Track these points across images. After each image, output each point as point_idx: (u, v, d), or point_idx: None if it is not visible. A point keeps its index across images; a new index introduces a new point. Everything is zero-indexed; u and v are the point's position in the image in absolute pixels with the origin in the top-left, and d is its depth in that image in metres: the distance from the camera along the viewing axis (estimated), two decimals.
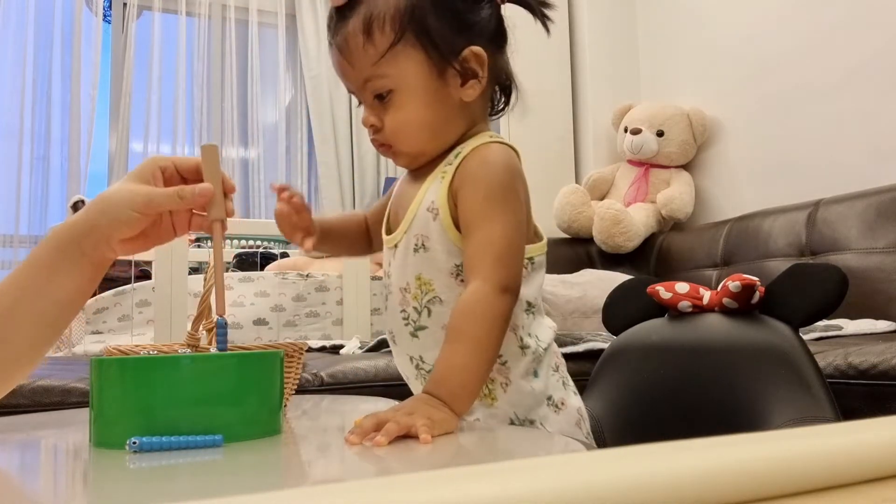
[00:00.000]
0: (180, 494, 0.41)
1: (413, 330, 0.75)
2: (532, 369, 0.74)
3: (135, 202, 0.61)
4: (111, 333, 1.92)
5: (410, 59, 0.70)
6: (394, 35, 0.69)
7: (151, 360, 0.56)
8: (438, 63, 0.71)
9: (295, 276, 2.01)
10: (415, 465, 0.52)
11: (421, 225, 0.74)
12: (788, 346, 0.81)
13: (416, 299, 0.74)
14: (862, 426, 0.28)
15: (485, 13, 0.74)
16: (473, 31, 0.73)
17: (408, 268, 0.75)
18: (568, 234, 2.61)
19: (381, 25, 0.69)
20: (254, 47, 3.42)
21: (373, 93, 0.72)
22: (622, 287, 1.04)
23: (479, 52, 0.72)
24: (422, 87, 0.71)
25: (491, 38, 0.74)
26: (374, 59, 0.70)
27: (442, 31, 0.70)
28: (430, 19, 0.70)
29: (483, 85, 0.73)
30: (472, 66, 0.72)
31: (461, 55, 0.71)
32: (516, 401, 0.73)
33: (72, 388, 1.14)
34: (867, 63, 2.04)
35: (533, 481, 0.22)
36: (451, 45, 0.71)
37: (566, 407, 0.76)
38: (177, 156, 0.66)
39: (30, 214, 3.09)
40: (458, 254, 0.72)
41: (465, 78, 0.72)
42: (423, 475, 0.22)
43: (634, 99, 2.80)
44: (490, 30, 0.74)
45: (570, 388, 0.79)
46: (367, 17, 0.69)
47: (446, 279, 0.73)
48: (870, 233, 1.77)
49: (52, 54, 3.19)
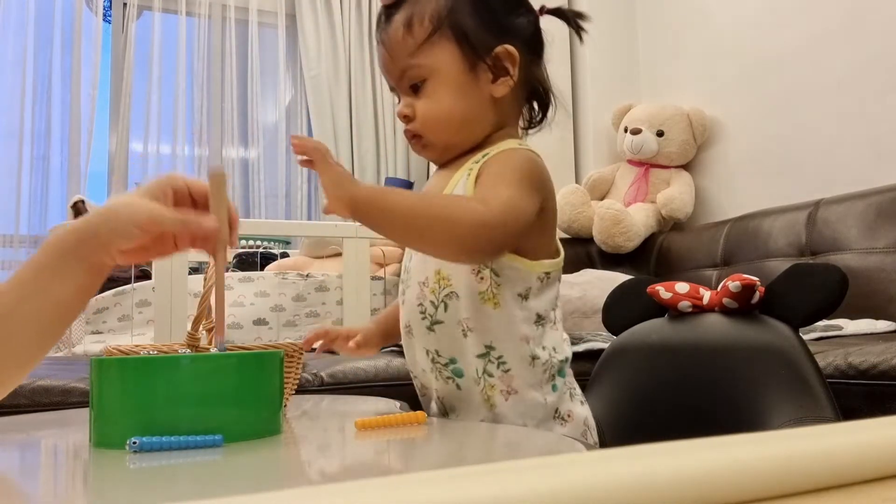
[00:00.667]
0: (180, 494, 0.41)
1: (430, 324, 0.76)
2: (546, 381, 0.75)
3: (139, 219, 0.61)
4: (111, 333, 1.92)
5: (444, 51, 0.75)
6: (431, 28, 0.74)
7: (151, 360, 0.56)
8: (471, 57, 0.75)
9: (295, 276, 2.01)
10: (415, 465, 0.52)
11: None
12: (788, 346, 0.81)
13: (433, 293, 0.75)
14: (862, 426, 0.28)
15: (522, 20, 0.79)
16: (508, 32, 0.77)
17: (428, 262, 0.76)
18: (568, 234, 2.61)
19: (421, 19, 0.75)
20: (254, 47, 3.42)
21: (409, 83, 0.77)
22: (622, 287, 1.04)
23: (512, 51, 0.76)
24: (453, 77, 0.75)
25: (526, 43, 0.78)
26: (411, 50, 0.75)
27: (476, 28, 0.75)
28: (466, 17, 0.75)
29: (513, 84, 0.77)
30: (504, 64, 0.76)
31: (493, 52, 0.76)
32: (525, 411, 0.73)
33: (72, 388, 1.14)
34: (867, 63, 2.04)
35: (533, 481, 0.21)
36: (485, 42, 0.75)
37: (573, 419, 0.77)
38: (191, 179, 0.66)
39: (30, 214, 3.09)
40: None
41: (497, 75, 0.76)
42: (423, 475, 0.22)
43: (634, 99, 2.80)
44: (525, 35, 0.79)
45: (578, 397, 0.79)
46: (409, 12, 0.75)
47: (465, 275, 0.74)
48: (870, 233, 1.77)
49: (52, 54, 3.19)
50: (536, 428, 0.73)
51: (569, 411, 0.76)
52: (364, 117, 3.27)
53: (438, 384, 0.77)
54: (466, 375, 0.74)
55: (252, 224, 2.58)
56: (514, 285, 0.73)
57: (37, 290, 0.61)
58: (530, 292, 0.74)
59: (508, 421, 0.72)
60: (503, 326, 0.73)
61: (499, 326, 0.73)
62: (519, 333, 0.73)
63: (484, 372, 0.73)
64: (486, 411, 0.73)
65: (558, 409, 0.76)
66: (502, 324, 0.73)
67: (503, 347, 0.73)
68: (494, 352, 0.73)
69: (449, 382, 0.76)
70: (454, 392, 0.75)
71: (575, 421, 0.76)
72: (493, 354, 0.73)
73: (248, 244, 2.57)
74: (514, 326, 0.73)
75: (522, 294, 0.73)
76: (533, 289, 0.74)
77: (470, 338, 0.73)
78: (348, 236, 1.83)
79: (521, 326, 0.73)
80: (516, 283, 0.73)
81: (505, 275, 0.73)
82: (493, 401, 0.73)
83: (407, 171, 3.16)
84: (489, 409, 0.73)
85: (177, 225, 0.62)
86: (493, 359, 0.73)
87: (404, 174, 3.16)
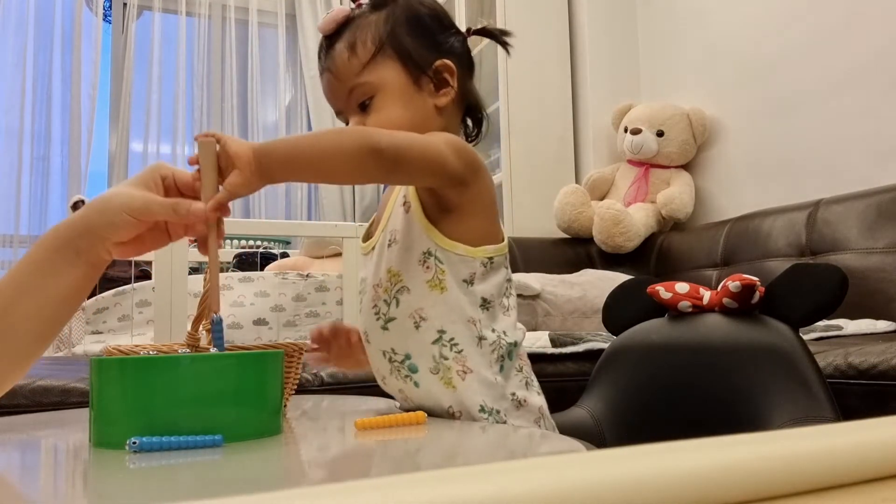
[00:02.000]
0: (180, 494, 0.41)
1: (384, 323, 0.79)
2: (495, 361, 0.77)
3: (132, 207, 0.61)
4: (111, 333, 1.92)
5: (389, 68, 0.81)
6: (374, 48, 0.81)
7: (151, 360, 0.56)
8: (414, 71, 0.81)
9: (295, 276, 2.01)
10: (415, 465, 0.52)
11: (395, 220, 0.80)
12: (788, 346, 0.81)
13: (386, 292, 0.79)
14: (862, 426, 0.28)
15: (453, 39, 0.86)
16: (444, 49, 0.84)
17: (381, 264, 0.80)
18: (568, 234, 2.61)
19: (364, 42, 0.81)
20: (254, 47, 3.42)
21: (357, 101, 0.82)
22: (622, 287, 1.04)
23: (450, 64, 0.83)
24: (399, 90, 0.81)
25: (459, 59, 0.85)
26: (357, 70, 0.81)
27: (416, 46, 0.82)
28: (405, 37, 0.82)
29: (454, 94, 0.83)
30: (444, 76, 0.83)
31: (434, 65, 0.82)
32: (481, 389, 0.76)
33: (72, 388, 1.14)
34: (867, 63, 2.04)
35: (532, 481, 0.22)
36: (425, 58, 0.82)
37: (528, 405, 0.79)
38: (177, 168, 0.67)
39: (29, 214, 3.09)
40: (424, 240, 0.77)
41: (438, 87, 0.83)
42: (422, 475, 0.22)
43: (634, 99, 2.80)
44: (459, 52, 0.86)
45: (534, 388, 0.82)
46: (351, 38, 0.82)
47: (414, 268, 0.77)
48: (870, 233, 1.77)
49: (52, 54, 3.19)
50: (495, 405, 0.75)
51: (524, 398, 0.79)
52: None
53: (399, 384, 0.80)
54: (421, 370, 0.77)
55: (252, 224, 2.58)
56: (458, 271, 0.77)
57: (34, 286, 0.61)
58: (475, 277, 0.77)
59: (469, 400, 0.75)
60: (451, 310, 0.76)
61: (447, 311, 0.76)
62: (465, 316, 0.76)
63: (440, 356, 0.76)
64: (448, 396, 0.75)
65: (515, 394, 0.78)
66: (450, 307, 0.76)
67: (453, 330, 0.76)
68: (446, 335, 0.76)
69: (407, 381, 0.78)
70: (413, 391, 0.78)
71: (529, 407, 0.79)
72: (446, 337, 0.76)
73: (248, 244, 2.57)
74: (461, 309, 0.76)
75: (467, 279, 0.77)
76: (477, 274, 0.77)
77: (422, 328, 0.76)
78: (348, 236, 1.83)
79: (468, 309, 0.76)
80: (461, 269, 0.77)
81: (449, 261, 0.76)
82: (453, 383, 0.75)
83: None
84: (452, 391, 0.75)
85: (168, 211, 0.62)
86: (445, 342, 0.76)
87: None
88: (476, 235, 0.78)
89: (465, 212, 0.77)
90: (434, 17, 0.86)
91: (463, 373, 0.76)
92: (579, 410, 1.00)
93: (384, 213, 0.84)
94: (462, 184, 0.75)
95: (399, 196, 0.81)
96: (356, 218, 3.20)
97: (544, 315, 1.97)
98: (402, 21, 0.82)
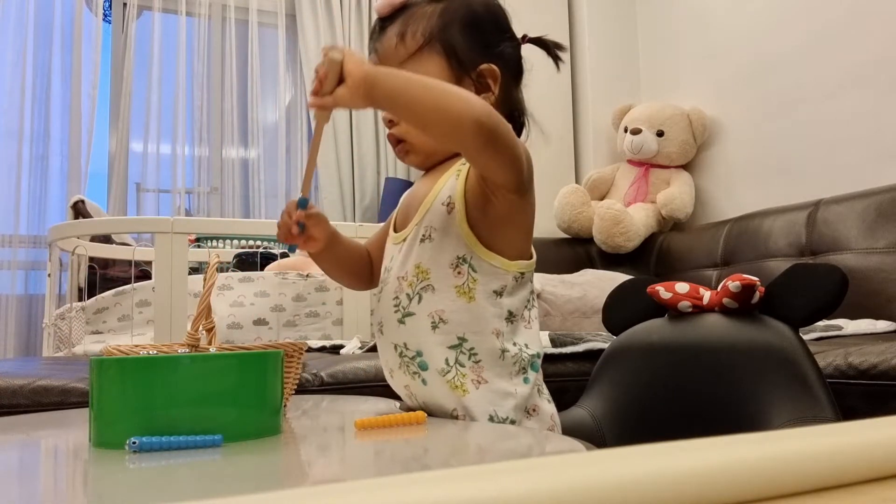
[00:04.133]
0: (180, 494, 0.41)
1: (401, 317, 0.78)
2: (517, 373, 0.77)
3: None
4: (111, 333, 1.92)
5: (433, 63, 0.80)
6: (422, 40, 0.80)
7: (151, 360, 0.56)
8: (458, 71, 0.80)
9: (295, 276, 2.01)
10: (415, 465, 0.52)
11: (434, 217, 0.78)
12: (788, 346, 0.81)
13: (410, 286, 0.78)
14: (862, 426, 0.28)
15: (506, 45, 0.85)
16: (493, 54, 0.83)
17: (410, 257, 0.79)
18: (568, 234, 2.61)
19: (414, 32, 0.81)
20: (254, 47, 3.42)
21: None
22: (622, 287, 1.04)
23: (494, 70, 0.82)
24: None
25: (507, 66, 0.84)
26: (401, 59, 0.80)
27: (465, 46, 0.81)
28: (457, 35, 0.81)
29: (494, 101, 0.81)
30: (487, 81, 0.81)
31: (478, 69, 0.81)
32: (494, 400, 0.75)
33: (72, 388, 1.14)
34: (867, 63, 2.04)
35: (533, 481, 0.21)
36: (471, 59, 0.81)
37: (539, 413, 0.78)
38: None
39: (29, 214, 3.09)
40: (461, 246, 0.76)
41: (479, 90, 0.81)
42: (422, 475, 0.22)
43: (634, 99, 2.80)
44: (508, 59, 0.84)
45: (545, 396, 0.82)
46: (403, 25, 0.81)
47: (444, 270, 0.76)
48: (870, 233, 1.77)
49: (52, 54, 3.19)
50: (504, 417, 0.75)
51: (535, 405, 0.78)
52: (364, 117, 3.27)
53: (406, 380, 0.79)
54: (431, 368, 0.76)
55: (252, 224, 2.58)
56: (490, 282, 0.76)
57: None
58: (505, 290, 0.77)
59: (477, 407, 0.74)
60: (476, 320, 0.75)
61: (472, 320, 0.75)
62: (490, 328, 0.75)
63: (456, 362, 0.75)
64: (455, 399, 0.75)
65: (527, 403, 0.78)
66: (475, 318, 0.75)
67: (474, 340, 0.75)
68: (466, 343, 0.75)
69: (416, 378, 0.78)
70: (420, 388, 0.78)
71: (541, 415, 0.79)
72: (465, 346, 0.75)
73: (248, 244, 2.57)
74: (486, 321, 0.76)
75: (498, 291, 0.76)
76: (508, 287, 0.77)
77: (439, 330, 0.76)
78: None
79: (493, 321, 0.76)
80: (493, 281, 0.76)
81: (483, 271, 0.76)
82: (464, 388, 0.75)
83: (407, 171, 3.16)
84: (461, 395, 0.75)
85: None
86: (464, 350, 0.75)
87: (404, 174, 3.16)
88: (513, 249, 0.77)
89: (507, 223, 0.76)
90: (491, 19, 0.84)
91: (478, 382, 0.75)
92: (579, 410, 1.00)
93: (420, 207, 0.81)
94: (518, 193, 0.74)
95: (440, 194, 0.79)
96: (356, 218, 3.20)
97: (544, 315, 1.97)
98: (458, 18, 0.81)
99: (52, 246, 2.09)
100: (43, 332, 2.07)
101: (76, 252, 2.11)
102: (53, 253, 2.12)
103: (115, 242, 2.55)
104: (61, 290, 2.25)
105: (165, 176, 3.30)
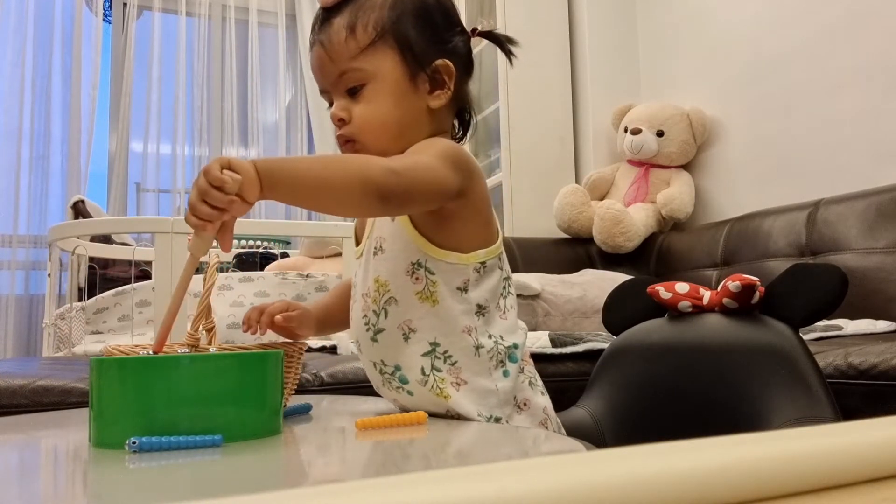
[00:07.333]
0: (180, 494, 0.41)
1: (373, 334, 0.77)
2: (495, 367, 0.75)
3: None
4: (111, 333, 1.92)
5: (387, 58, 0.76)
6: (375, 34, 0.75)
7: (151, 360, 0.56)
8: (412, 67, 0.77)
9: (295, 276, 2.01)
10: (415, 465, 0.52)
11: (381, 228, 0.77)
12: (788, 346, 0.81)
13: (375, 302, 0.76)
14: (862, 426, 0.28)
15: (457, 39, 0.81)
16: (446, 48, 0.79)
17: (368, 272, 0.78)
18: (568, 234, 2.61)
19: (365, 24, 0.75)
20: (254, 47, 3.42)
21: (346, 86, 0.77)
22: (622, 287, 1.04)
23: (449, 66, 0.78)
24: (393, 84, 0.76)
25: (460, 60, 0.80)
26: (353, 53, 0.75)
27: (419, 40, 0.77)
28: (410, 29, 0.77)
29: (449, 97, 0.79)
30: (442, 77, 0.78)
31: (433, 64, 0.78)
32: (478, 399, 0.74)
33: (72, 388, 1.14)
34: (867, 63, 2.04)
35: (533, 481, 0.21)
36: (426, 54, 0.77)
37: (530, 406, 0.77)
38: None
39: (29, 214, 3.09)
40: (413, 251, 0.74)
41: (434, 87, 0.78)
42: (422, 475, 0.22)
43: (634, 99, 2.80)
44: (460, 53, 0.81)
45: (538, 388, 0.80)
46: (352, 17, 0.76)
47: (402, 279, 0.74)
48: (870, 233, 1.77)
49: (52, 54, 3.19)
50: (494, 413, 0.74)
51: (526, 399, 0.77)
52: None
53: (392, 394, 0.78)
54: (411, 380, 0.75)
55: (252, 224, 2.58)
56: (450, 280, 0.74)
57: None
58: (468, 284, 0.74)
59: (464, 410, 0.73)
60: (444, 322, 0.74)
61: (440, 323, 0.74)
62: (460, 326, 0.74)
63: (432, 368, 0.74)
64: (441, 405, 0.74)
65: (516, 397, 0.76)
66: (443, 320, 0.74)
67: (447, 342, 0.74)
68: (440, 347, 0.74)
69: (400, 392, 0.77)
70: (408, 399, 0.77)
71: (532, 409, 0.77)
72: (439, 350, 0.74)
73: (248, 244, 2.57)
74: (455, 320, 0.74)
75: (461, 287, 0.74)
76: (471, 280, 0.75)
77: (412, 340, 0.74)
78: (348, 236, 1.83)
79: (462, 319, 0.74)
80: (453, 278, 0.74)
81: (440, 271, 0.74)
82: (445, 392, 0.74)
83: None
84: (445, 399, 0.74)
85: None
86: (439, 354, 0.74)
87: None
88: (468, 241, 0.75)
89: (458, 219, 0.74)
90: (443, 12, 0.80)
91: (457, 384, 0.74)
92: (579, 410, 1.00)
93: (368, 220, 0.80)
94: (460, 196, 0.72)
95: None
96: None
97: (544, 315, 1.97)
98: (410, 10, 0.77)
99: (52, 246, 2.09)
100: (43, 332, 2.07)
101: (76, 252, 2.11)
102: (53, 253, 2.12)
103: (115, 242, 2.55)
104: (61, 291, 2.25)
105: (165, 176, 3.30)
